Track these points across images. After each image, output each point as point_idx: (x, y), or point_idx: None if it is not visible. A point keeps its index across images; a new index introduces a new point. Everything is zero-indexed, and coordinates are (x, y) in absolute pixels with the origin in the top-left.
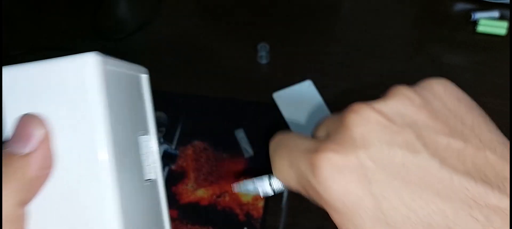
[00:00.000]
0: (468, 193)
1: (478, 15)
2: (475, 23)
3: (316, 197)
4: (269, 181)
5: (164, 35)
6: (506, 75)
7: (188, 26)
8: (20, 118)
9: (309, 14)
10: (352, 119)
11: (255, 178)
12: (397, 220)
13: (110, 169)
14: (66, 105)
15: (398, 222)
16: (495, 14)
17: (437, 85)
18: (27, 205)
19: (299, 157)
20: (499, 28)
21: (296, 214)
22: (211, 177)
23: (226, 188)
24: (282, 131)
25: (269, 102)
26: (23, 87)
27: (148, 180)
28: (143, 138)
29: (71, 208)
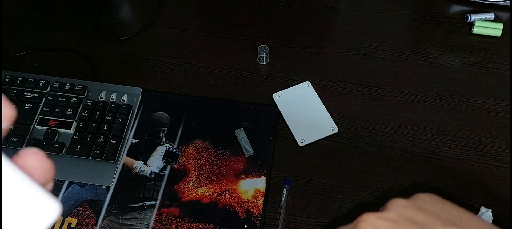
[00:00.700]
0: None
1: (474, 16)
2: (471, 24)
3: None
4: None
5: (166, 37)
6: (502, 76)
7: (189, 28)
8: None
9: (307, 16)
10: (365, 228)
11: None
12: None
13: None
14: None
15: None
16: (491, 15)
17: (425, 196)
18: None
19: None
20: (495, 29)
21: (295, 211)
22: (212, 175)
23: (226, 186)
24: None
25: (268, 102)
26: None
27: None
28: None
29: None
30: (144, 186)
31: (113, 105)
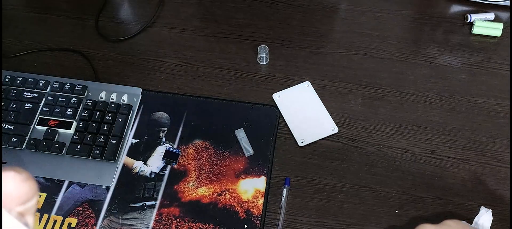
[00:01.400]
0: None
1: (474, 16)
2: (471, 24)
3: None
4: None
5: (166, 37)
6: (501, 76)
7: (189, 28)
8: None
9: (307, 16)
10: None
11: None
12: None
13: None
14: None
15: None
16: (491, 15)
17: (452, 222)
18: None
19: None
20: (495, 29)
21: (295, 211)
22: (212, 175)
23: (227, 186)
24: None
25: (268, 102)
26: None
27: None
28: None
29: None
30: (144, 186)
31: (113, 105)
